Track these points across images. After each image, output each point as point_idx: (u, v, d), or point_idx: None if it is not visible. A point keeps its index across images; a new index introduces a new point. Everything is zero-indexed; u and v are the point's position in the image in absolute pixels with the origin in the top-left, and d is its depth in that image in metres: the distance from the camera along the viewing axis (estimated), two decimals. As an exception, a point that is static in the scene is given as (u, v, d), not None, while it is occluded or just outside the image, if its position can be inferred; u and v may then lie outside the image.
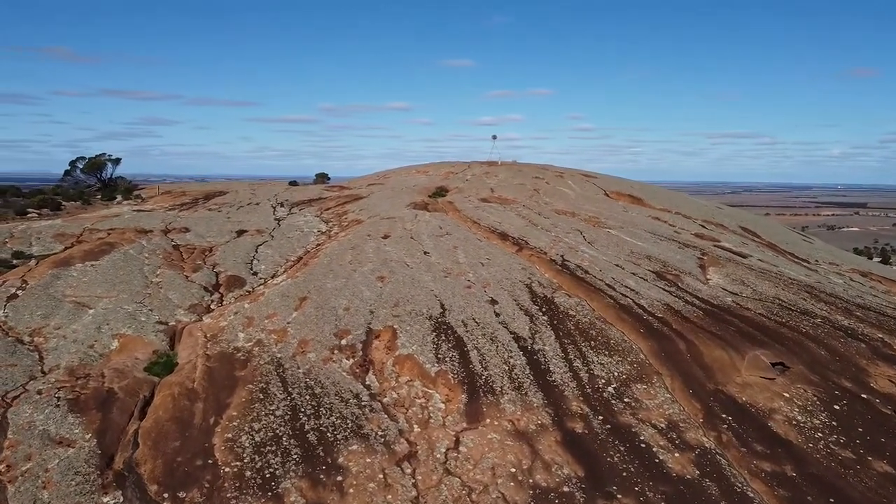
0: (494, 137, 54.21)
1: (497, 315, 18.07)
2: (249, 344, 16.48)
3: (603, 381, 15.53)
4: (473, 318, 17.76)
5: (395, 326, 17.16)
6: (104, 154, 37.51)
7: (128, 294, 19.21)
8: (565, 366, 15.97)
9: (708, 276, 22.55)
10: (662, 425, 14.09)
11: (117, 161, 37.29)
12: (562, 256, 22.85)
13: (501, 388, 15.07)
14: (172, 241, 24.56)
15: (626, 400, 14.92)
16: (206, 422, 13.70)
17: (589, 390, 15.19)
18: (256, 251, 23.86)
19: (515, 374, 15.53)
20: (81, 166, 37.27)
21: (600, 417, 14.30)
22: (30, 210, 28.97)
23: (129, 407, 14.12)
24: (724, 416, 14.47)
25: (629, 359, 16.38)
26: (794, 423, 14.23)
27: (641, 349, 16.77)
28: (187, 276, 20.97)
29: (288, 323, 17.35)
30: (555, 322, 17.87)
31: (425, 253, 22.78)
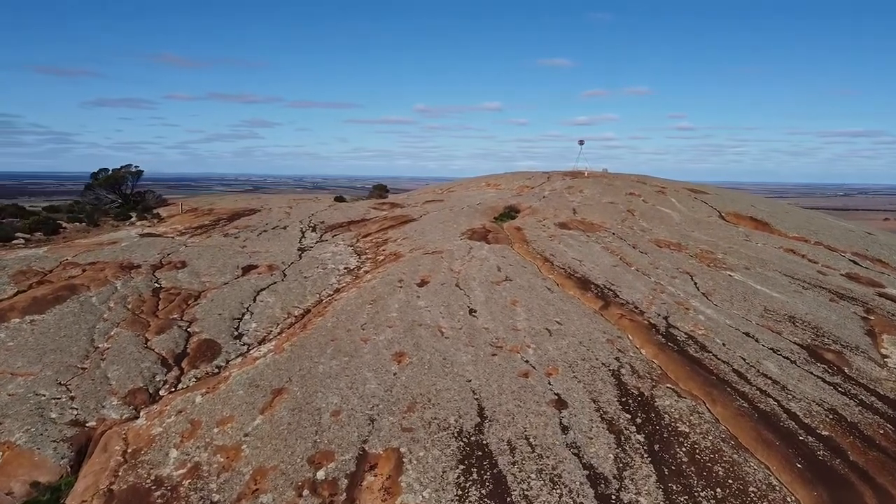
0: (581, 142, 46.86)
1: (565, 431, 11.61)
2: (180, 472, 10.80)
3: (740, 572, 8.99)
4: (526, 436, 11.39)
5: (401, 450, 11.03)
6: (130, 165, 33.43)
7: (54, 369, 14.02)
8: (674, 539, 9.49)
9: (883, 352, 15.38)
10: None
11: (139, 174, 33.03)
12: (665, 319, 16.10)
13: (564, 585, 8.77)
14: (157, 281, 19.40)
15: None
16: None
17: (716, 593, 8.70)
18: (255, 299, 18.23)
19: (589, 556, 9.18)
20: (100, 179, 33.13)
21: None
22: (18, 234, 24.25)
23: None
24: None
25: (783, 525, 9.74)
26: None
27: (802, 504, 10.07)
28: (147, 340, 15.56)
29: (245, 435, 11.55)
30: (656, 447, 11.28)
31: (471, 311, 16.45)
